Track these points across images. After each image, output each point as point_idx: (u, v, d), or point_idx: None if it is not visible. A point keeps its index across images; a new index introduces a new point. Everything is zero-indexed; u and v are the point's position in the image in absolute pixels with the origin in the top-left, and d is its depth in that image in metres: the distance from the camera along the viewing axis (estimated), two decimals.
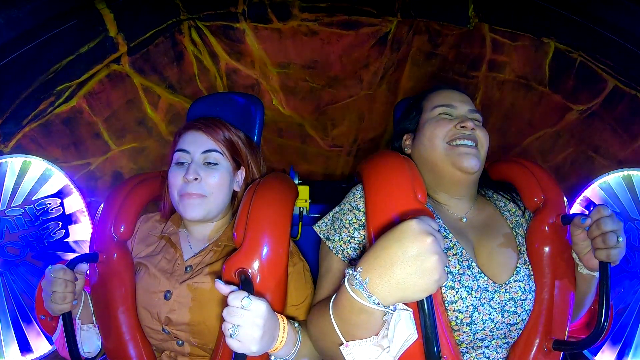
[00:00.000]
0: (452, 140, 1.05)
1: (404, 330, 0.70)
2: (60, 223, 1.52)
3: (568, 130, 1.60)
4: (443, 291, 0.92)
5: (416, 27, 1.58)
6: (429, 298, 0.71)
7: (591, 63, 1.44)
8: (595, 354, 1.41)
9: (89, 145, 1.64)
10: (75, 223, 1.54)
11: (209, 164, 1.11)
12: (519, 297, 0.97)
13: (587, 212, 1.20)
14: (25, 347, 1.45)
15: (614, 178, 1.45)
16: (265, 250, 0.96)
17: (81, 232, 1.55)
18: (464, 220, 1.08)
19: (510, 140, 1.76)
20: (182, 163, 1.11)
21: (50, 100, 1.48)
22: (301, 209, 1.57)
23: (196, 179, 1.07)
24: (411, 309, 0.72)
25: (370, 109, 1.82)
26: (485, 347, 0.99)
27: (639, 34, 1.26)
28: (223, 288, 0.81)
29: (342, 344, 0.74)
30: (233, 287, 0.81)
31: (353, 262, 0.94)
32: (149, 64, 1.60)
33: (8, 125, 1.43)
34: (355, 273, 0.70)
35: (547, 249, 1.01)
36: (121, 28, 1.48)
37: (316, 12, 1.56)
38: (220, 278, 1.03)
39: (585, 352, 1.43)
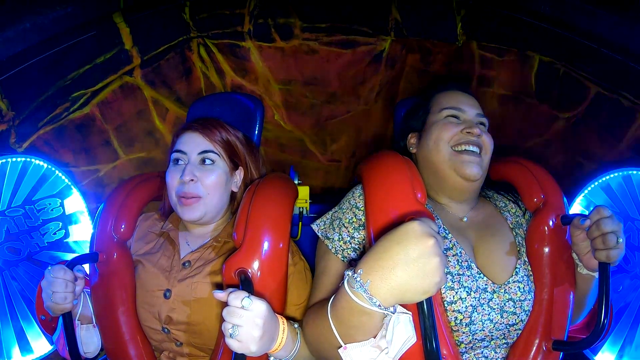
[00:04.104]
0: (457, 145, 1.06)
1: (403, 333, 0.70)
2: (61, 223, 1.53)
3: (557, 138, 1.64)
4: (442, 291, 0.93)
5: (409, 45, 1.68)
6: (429, 299, 0.72)
7: (574, 72, 1.50)
8: (595, 354, 1.35)
9: (98, 152, 1.69)
10: (75, 223, 1.55)
11: (206, 164, 1.12)
12: (518, 298, 0.98)
13: (587, 212, 1.21)
14: (25, 347, 1.43)
15: (614, 178, 1.44)
16: (265, 250, 0.96)
17: (81, 232, 1.55)
18: (465, 220, 1.09)
19: (502, 152, 1.76)
20: (179, 164, 1.13)
21: (66, 105, 1.55)
22: (301, 209, 1.57)
23: (192, 180, 1.08)
24: (410, 312, 0.73)
25: (367, 124, 1.88)
26: (484, 347, 0.97)
27: (614, 40, 1.33)
28: (222, 296, 0.81)
29: (340, 346, 0.74)
30: (231, 290, 0.82)
31: (353, 263, 0.94)
32: (160, 77, 1.69)
33: (24, 125, 1.49)
34: (355, 275, 0.70)
35: (546, 250, 1.02)
36: (136, 42, 1.57)
37: (316, 32, 1.65)
38: (220, 278, 1.04)
39: (585, 351, 1.37)
